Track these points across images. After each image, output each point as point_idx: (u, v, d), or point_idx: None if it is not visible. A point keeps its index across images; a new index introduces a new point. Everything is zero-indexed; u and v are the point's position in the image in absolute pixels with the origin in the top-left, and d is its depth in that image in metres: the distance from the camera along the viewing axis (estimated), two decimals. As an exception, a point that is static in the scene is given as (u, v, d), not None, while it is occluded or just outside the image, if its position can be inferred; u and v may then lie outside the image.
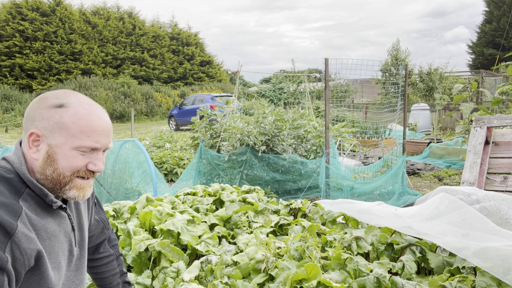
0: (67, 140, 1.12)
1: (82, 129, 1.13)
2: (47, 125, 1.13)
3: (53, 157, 1.13)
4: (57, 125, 1.12)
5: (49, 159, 1.13)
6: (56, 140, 1.12)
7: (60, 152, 1.13)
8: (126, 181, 4.83)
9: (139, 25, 32.30)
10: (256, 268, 1.98)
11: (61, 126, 1.12)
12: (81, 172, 1.16)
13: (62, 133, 1.12)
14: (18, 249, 1.03)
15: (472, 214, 1.91)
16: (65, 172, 1.14)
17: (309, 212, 2.79)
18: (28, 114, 1.16)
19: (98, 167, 1.17)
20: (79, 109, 1.14)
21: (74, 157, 1.13)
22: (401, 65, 11.59)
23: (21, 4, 26.44)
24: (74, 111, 1.13)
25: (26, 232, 1.05)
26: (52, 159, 1.13)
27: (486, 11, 33.90)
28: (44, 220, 1.13)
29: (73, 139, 1.12)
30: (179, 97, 28.39)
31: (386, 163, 6.45)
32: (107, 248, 1.59)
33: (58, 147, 1.12)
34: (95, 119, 1.16)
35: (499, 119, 3.58)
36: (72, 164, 1.14)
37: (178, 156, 7.52)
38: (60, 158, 1.13)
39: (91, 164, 1.16)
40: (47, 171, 1.14)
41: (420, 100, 18.57)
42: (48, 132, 1.13)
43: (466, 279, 1.72)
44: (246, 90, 19.48)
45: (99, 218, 1.54)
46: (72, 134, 1.12)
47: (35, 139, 1.14)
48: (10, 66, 25.46)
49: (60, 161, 1.13)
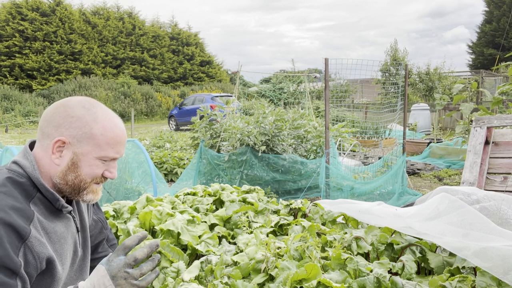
0: (93, 149, 1.19)
1: (108, 141, 1.20)
2: (76, 133, 1.18)
3: (77, 164, 1.19)
4: (86, 135, 1.18)
5: (73, 166, 1.19)
6: (83, 148, 1.18)
7: (84, 160, 1.19)
8: (126, 181, 4.83)
9: (139, 25, 32.30)
10: (256, 268, 1.98)
11: (90, 137, 1.18)
12: (98, 178, 1.23)
13: (89, 142, 1.18)
14: (31, 253, 1.06)
15: (472, 214, 1.91)
16: (86, 179, 1.21)
17: (309, 212, 2.79)
18: (51, 120, 1.19)
19: (113, 175, 1.25)
20: (106, 121, 1.22)
21: (96, 166, 1.21)
22: (400, 65, 11.60)
23: (21, 4, 26.45)
24: (103, 124, 1.20)
25: (38, 236, 1.08)
26: (76, 166, 1.19)
27: (486, 11, 33.92)
28: (53, 224, 1.17)
29: (98, 149, 1.19)
30: (179, 97, 28.40)
31: (386, 163, 6.45)
32: (105, 248, 1.61)
33: (84, 155, 1.19)
34: (118, 131, 1.24)
35: (499, 119, 3.58)
36: (94, 171, 1.21)
37: (178, 156, 7.52)
38: (83, 165, 1.19)
39: (107, 172, 1.24)
40: (68, 177, 1.19)
41: (420, 100, 18.58)
42: (75, 140, 1.18)
43: (466, 279, 1.72)
44: (246, 90, 19.48)
45: (97, 218, 1.55)
46: (99, 145, 1.19)
47: (60, 146, 1.18)
48: (10, 66, 25.46)
49: (83, 169, 1.20)
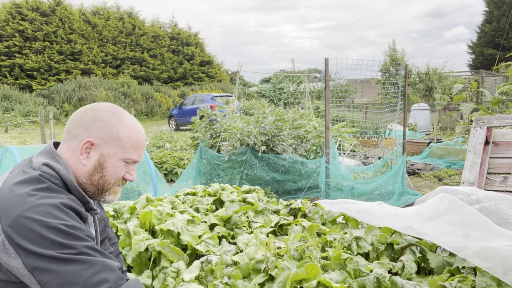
0: (119, 151, 1.25)
1: (133, 144, 1.27)
2: (104, 136, 1.24)
3: (103, 165, 1.25)
4: (114, 137, 1.24)
5: (100, 167, 1.25)
6: (109, 150, 1.25)
7: (110, 161, 1.25)
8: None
9: (139, 25, 32.29)
10: (256, 268, 1.98)
11: (117, 139, 1.25)
12: (119, 180, 1.30)
13: (116, 144, 1.25)
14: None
15: (472, 214, 1.91)
16: (110, 180, 1.27)
17: (309, 212, 2.79)
18: (81, 123, 1.26)
19: (133, 177, 1.32)
20: (132, 126, 1.28)
21: (120, 167, 1.27)
22: (400, 65, 11.60)
23: (21, 4, 26.44)
24: (129, 127, 1.27)
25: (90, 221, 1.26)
26: (102, 167, 1.25)
27: (486, 11, 33.91)
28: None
29: (123, 151, 1.26)
30: (179, 97, 28.39)
31: (386, 163, 6.45)
32: (107, 246, 1.63)
33: (110, 156, 1.25)
34: (141, 136, 1.31)
35: (499, 119, 3.58)
36: (118, 173, 1.27)
37: (178, 156, 7.52)
38: (109, 166, 1.26)
39: (128, 174, 1.30)
40: (94, 177, 1.25)
41: (420, 100, 18.58)
42: (103, 142, 1.24)
43: (466, 279, 1.72)
44: (246, 90, 19.47)
45: (101, 217, 1.59)
46: (124, 147, 1.25)
47: (88, 147, 1.24)
48: (10, 66, 25.44)
49: (108, 170, 1.26)
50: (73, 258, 1.03)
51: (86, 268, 1.03)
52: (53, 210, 1.06)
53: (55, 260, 1.01)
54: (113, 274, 1.08)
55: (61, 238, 1.03)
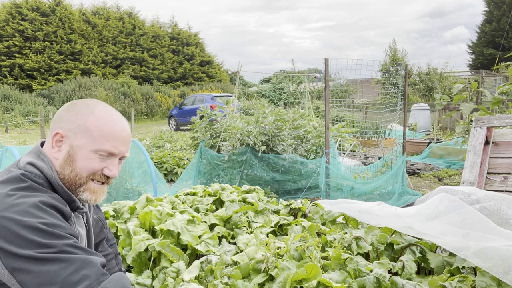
0: (88, 142, 1.19)
1: (103, 133, 1.20)
2: (72, 127, 1.20)
3: (73, 157, 1.20)
4: (81, 127, 1.19)
5: (69, 159, 1.20)
6: (78, 141, 1.19)
7: (80, 153, 1.19)
8: (126, 181, 4.83)
9: (139, 25, 32.28)
10: (256, 268, 1.98)
11: (85, 129, 1.19)
12: (96, 175, 1.22)
13: (84, 135, 1.19)
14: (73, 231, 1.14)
15: (472, 214, 1.91)
16: (82, 173, 1.20)
17: (309, 212, 2.79)
18: (56, 117, 1.24)
19: (113, 173, 1.23)
20: (103, 115, 1.22)
21: (92, 160, 1.20)
22: (400, 65, 11.60)
23: (21, 4, 26.44)
24: (98, 117, 1.21)
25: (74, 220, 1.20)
26: (72, 159, 1.20)
27: (486, 11, 33.91)
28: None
29: (93, 142, 1.19)
30: (179, 97, 28.39)
31: (386, 163, 6.45)
32: (105, 247, 1.62)
33: (79, 148, 1.19)
34: (116, 126, 1.23)
35: (499, 119, 3.58)
36: (89, 165, 1.20)
37: (178, 156, 7.52)
38: (79, 159, 1.19)
39: (107, 169, 1.22)
40: (65, 170, 1.20)
41: (420, 100, 18.58)
42: (72, 133, 1.20)
43: (466, 279, 1.72)
44: (246, 90, 19.46)
45: (97, 218, 1.57)
46: (93, 138, 1.19)
47: (59, 140, 1.20)
48: (10, 66, 25.44)
49: (78, 162, 1.20)
50: (52, 257, 1.01)
51: (65, 267, 1.00)
52: (31, 209, 1.04)
53: (33, 260, 0.99)
54: (94, 270, 1.04)
55: (39, 237, 1.01)
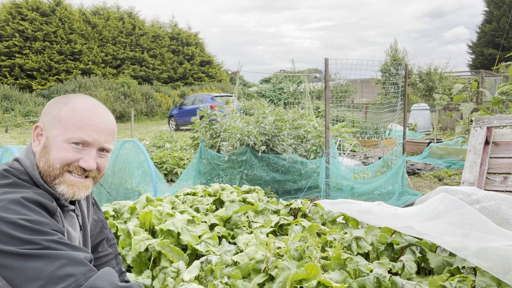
0: (61, 132, 1.16)
1: (75, 122, 1.16)
2: (49, 119, 1.18)
3: (47, 148, 1.16)
4: (55, 118, 1.17)
5: (44, 150, 1.17)
6: (53, 132, 1.17)
7: (53, 143, 1.16)
8: (126, 181, 4.83)
9: (139, 25, 32.29)
10: (256, 268, 1.98)
11: (59, 119, 1.17)
12: (72, 167, 1.17)
13: (58, 125, 1.16)
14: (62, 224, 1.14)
15: (472, 214, 1.91)
16: (55, 164, 1.16)
17: (309, 212, 2.79)
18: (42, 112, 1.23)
19: (88, 164, 1.17)
20: (78, 105, 1.18)
21: (65, 149, 1.16)
22: (400, 65, 11.60)
23: (21, 4, 26.44)
24: (72, 106, 1.18)
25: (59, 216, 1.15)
26: (46, 150, 1.16)
27: (486, 11, 33.91)
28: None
29: (65, 131, 1.16)
30: (179, 97, 28.39)
31: (386, 163, 6.45)
32: (105, 248, 1.61)
33: (53, 138, 1.16)
34: (90, 114, 1.18)
35: (499, 119, 3.58)
36: (62, 155, 1.15)
37: (178, 156, 7.52)
38: (52, 149, 1.16)
39: (82, 161, 1.17)
40: (41, 163, 1.17)
41: (420, 100, 18.58)
42: (48, 125, 1.18)
43: (466, 279, 1.72)
44: (246, 90, 19.46)
45: (97, 218, 1.56)
46: (66, 127, 1.16)
47: (39, 133, 1.19)
48: (10, 66, 25.45)
49: (52, 153, 1.16)
50: (36, 253, 0.99)
51: (50, 263, 0.99)
52: (13, 205, 1.03)
53: (17, 256, 0.98)
54: (80, 267, 1.02)
55: (22, 233, 1.00)
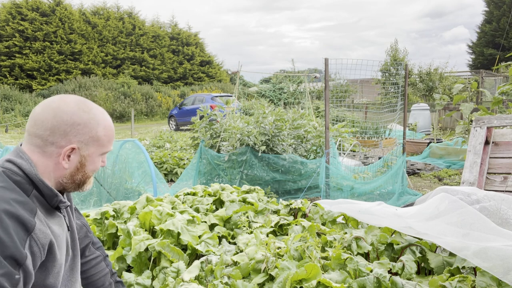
0: (98, 149, 1.28)
1: (109, 138, 1.30)
2: (83, 139, 1.24)
3: (84, 164, 1.27)
4: (93, 138, 1.26)
5: (81, 167, 1.27)
6: (89, 150, 1.27)
7: (90, 160, 1.28)
8: (126, 181, 4.83)
9: (139, 25, 32.28)
10: (256, 268, 1.98)
11: (96, 139, 1.26)
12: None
13: (95, 144, 1.27)
14: (36, 245, 1.10)
15: (472, 214, 1.91)
16: (89, 173, 1.31)
17: (309, 212, 2.79)
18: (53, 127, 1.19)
19: (105, 163, 1.36)
20: (105, 122, 1.30)
21: (98, 161, 1.31)
22: (400, 65, 11.60)
23: (21, 4, 26.44)
24: (104, 125, 1.28)
25: (42, 228, 1.13)
26: (83, 166, 1.27)
27: (486, 11, 33.91)
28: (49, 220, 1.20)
29: (102, 148, 1.29)
30: (179, 97, 28.39)
31: (386, 163, 6.45)
32: (92, 251, 1.63)
33: (90, 156, 1.27)
34: (113, 127, 1.34)
35: (499, 119, 3.58)
36: (97, 166, 1.31)
37: (178, 156, 7.52)
38: (89, 164, 1.28)
39: (103, 163, 1.34)
40: (76, 177, 1.27)
41: (420, 100, 18.58)
42: (83, 145, 1.25)
43: (466, 279, 1.72)
44: (246, 90, 19.48)
45: (81, 223, 1.59)
46: (103, 144, 1.29)
47: (70, 153, 1.24)
48: (10, 66, 25.45)
49: (88, 167, 1.29)
50: None
51: None
52: None
53: None
54: None
55: None
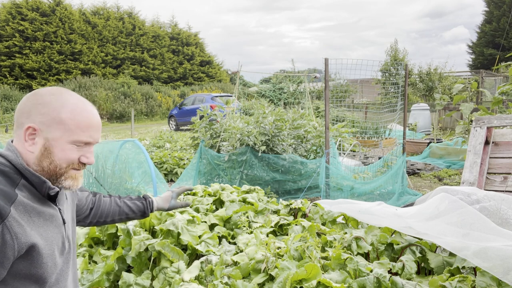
0: (64, 134, 1.21)
1: (79, 124, 1.22)
2: (45, 120, 1.20)
3: (50, 150, 1.21)
4: (55, 120, 1.20)
5: (46, 152, 1.21)
6: (53, 134, 1.21)
7: (57, 145, 1.21)
8: (126, 181, 4.83)
9: (139, 25, 32.29)
10: (256, 268, 1.98)
11: (59, 121, 1.21)
12: (75, 164, 1.25)
13: (59, 127, 1.21)
14: (9, 233, 1.08)
15: (472, 214, 1.91)
16: (61, 164, 1.23)
17: (309, 212, 2.79)
18: (23, 109, 1.23)
19: (89, 160, 1.27)
20: (74, 106, 1.23)
21: (70, 150, 1.22)
22: (400, 65, 11.60)
23: (21, 4, 26.43)
24: (71, 108, 1.22)
25: (18, 219, 1.11)
26: (49, 151, 1.21)
27: (486, 11, 33.91)
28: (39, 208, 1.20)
29: (70, 133, 1.21)
30: (179, 97, 28.40)
31: (386, 163, 6.45)
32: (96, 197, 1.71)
33: (55, 140, 1.21)
34: (90, 115, 1.26)
35: (499, 119, 3.58)
36: (68, 156, 1.23)
37: (178, 156, 7.52)
38: (57, 151, 1.21)
39: (84, 157, 1.26)
40: (44, 163, 1.21)
41: (420, 100, 18.58)
42: (45, 126, 1.20)
43: (466, 279, 1.72)
44: (246, 90, 19.48)
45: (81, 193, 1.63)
46: (69, 129, 1.21)
47: (32, 133, 1.21)
48: (10, 66, 25.45)
49: (56, 154, 1.21)
50: None
51: None
52: None
53: None
54: None
55: None
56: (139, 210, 1.78)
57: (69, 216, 1.38)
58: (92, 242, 2.66)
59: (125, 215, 1.76)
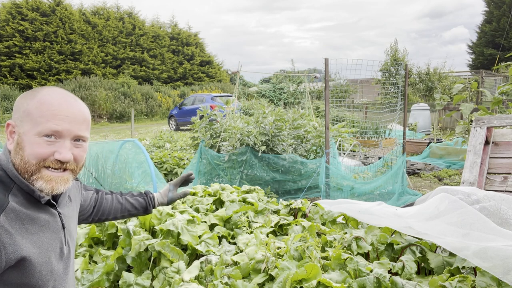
0: (31, 126, 1.13)
1: (43, 113, 1.13)
2: (19, 115, 1.15)
3: (21, 145, 1.13)
4: (24, 113, 1.14)
5: (18, 147, 1.14)
6: (24, 128, 1.14)
7: (26, 139, 1.13)
8: (126, 181, 4.83)
9: (139, 25, 32.29)
10: (256, 268, 1.98)
11: (27, 114, 1.14)
12: (48, 161, 1.14)
13: (27, 120, 1.13)
14: None
15: (472, 214, 1.91)
16: (31, 160, 1.12)
17: (309, 212, 2.79)
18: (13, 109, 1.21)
19: (63, 156, 1.14)
20: (44, 97, 1.15)
21: (38, 144, 1.12)
22: (400, 65, 11.60)
23: (21, 4, 26.42)
24: (39, 99, 1.15)
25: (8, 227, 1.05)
26: (20, 147, 1.13)
27: (486, 11, 33.91)
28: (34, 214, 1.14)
29: (35, 124, 1.12)
30: (179, 97, 28.40)
31: (386, 163, 6.45)
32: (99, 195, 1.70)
33: (25, 134, 1.13)
34: (58, 104, 1.15)
35: (499, 119, 3.58)
36: (36, 151, 1.12)
37: (178, 156, 7.52)
38: (26, 145, 1.13)
39: (57, 153, 1.13)
40: (16, 160, 1.14)
41: (420, 100, 18.58)
42: (19, 121, 1.15)
43: (466, 279, 1.72)
44: (246, 90, 19.49)
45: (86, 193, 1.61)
46: (35, 120, 1.13)
47: (12, 130, 1.16)
48: (10, 66, 25.43)
49: (26, 149, 1.13)
50: None
51: None
52: None
53: None
54: None
55: None
56: (141, 207, 1.79)
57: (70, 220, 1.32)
58: (92, 242, 2.66)
59: (127, 212, 1.77)
